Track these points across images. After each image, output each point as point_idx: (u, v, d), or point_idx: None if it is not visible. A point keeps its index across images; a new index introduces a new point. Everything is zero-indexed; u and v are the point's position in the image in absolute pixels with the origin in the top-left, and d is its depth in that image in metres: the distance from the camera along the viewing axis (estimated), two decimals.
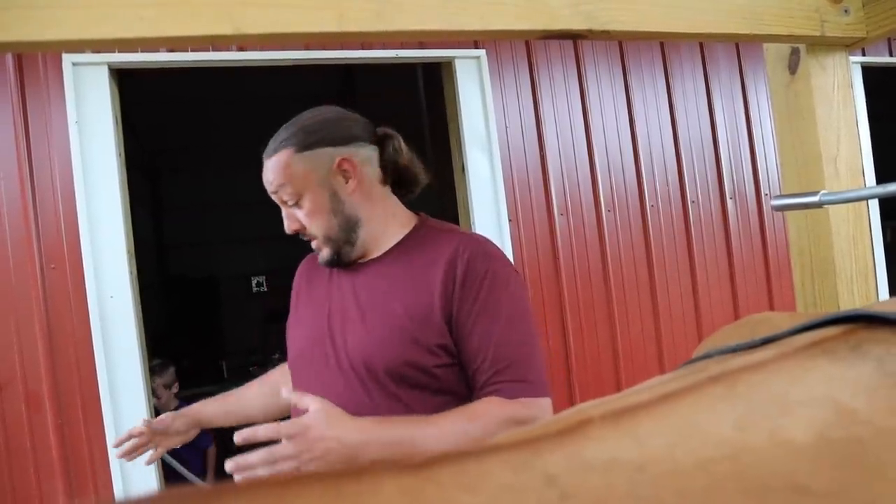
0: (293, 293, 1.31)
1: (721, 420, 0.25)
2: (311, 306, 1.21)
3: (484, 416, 0.99)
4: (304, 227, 1.14)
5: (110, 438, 2.10)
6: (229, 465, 0.89)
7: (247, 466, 0.89)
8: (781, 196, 0.91)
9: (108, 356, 2.12)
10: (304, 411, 0.95)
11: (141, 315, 2.23)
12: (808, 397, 0.27)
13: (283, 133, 1.13)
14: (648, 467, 0.21)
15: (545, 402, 1.04)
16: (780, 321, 0.42)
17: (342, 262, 1.15)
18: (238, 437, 0.90)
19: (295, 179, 1.10)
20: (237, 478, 0.90)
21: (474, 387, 1.05)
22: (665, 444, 0.23)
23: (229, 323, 7.82)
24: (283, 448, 0.90)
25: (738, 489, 0.21)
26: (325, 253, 1.14)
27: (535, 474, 0.21)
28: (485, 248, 1.10)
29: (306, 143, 1.11)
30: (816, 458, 0.23)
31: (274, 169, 1.11)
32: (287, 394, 1.00)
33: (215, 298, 8.24)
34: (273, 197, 1.15)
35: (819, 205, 0.85)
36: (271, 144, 1.13)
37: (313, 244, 1.16)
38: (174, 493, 0.18)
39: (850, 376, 0.29)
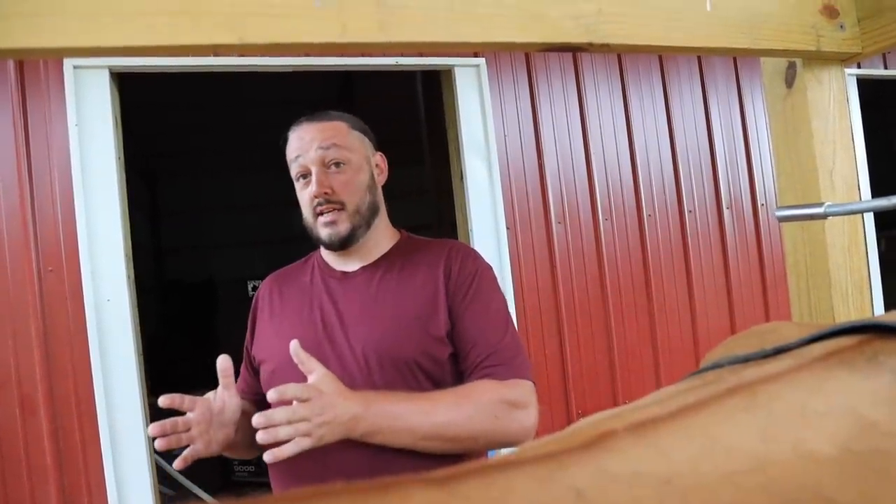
0: (256, 312, 1.28)
1: (744, 432, 0.25)
2: (289, 317, 1.20)
3: (479, 394, 1.06)
4: (333, 192, 1.14)
5: (105, 445, 2.09)
6: (257, 419, 0.91)
7: (271, 422, 0.92)
8: (785, 207, 0.91)
9: (105, 360, 2.12)
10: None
11: (138, 319, 2.23)
12: (829, 408, 0.27)
13: (331, 111, 1.21)
14: (675, 480, 0.21)
15: (532, 386, 1.12)
16: (788, 331, 0.42)
17: (350, 243, 1.16)
18: (272, 394, 0.93)
19: (347, 146, 1.17)
20: (260, 435, 0.92)
21: (465, 370, 1.12)
22: (690, 456, 0.23)
23: (226, 327, 7.79)
24: (301, 409, 0.93)
25: (766, 502, 0.21)
26: (342, 227, 1.14)
27: (562, 488, 0.21)
28: (473, 252, 1.23)
29: (357, 126, 1.22)
30: (842, 470, 0.23)
31: (329, 129, 1.16)
32: (296, 349, 0.99)
33: (212, 302, 8.22)
34: (306, 159, 1.14)
35: (824, 216, 0.86)
36: (320, 114, 1.19)
37: (327, 217, 1.14)
38: None
39: (867, 387, 0.29)
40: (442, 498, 0.19)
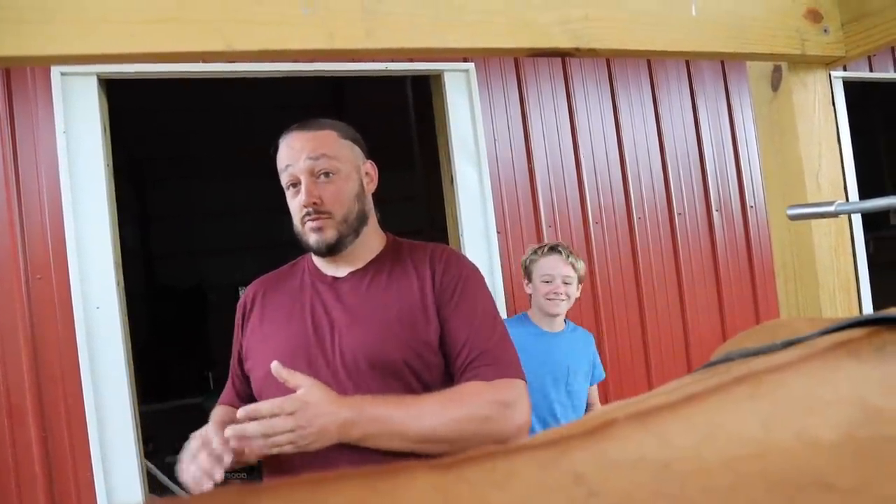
0: (243, 316, 1.28)
1: (747, 420, 0.25)
2: (279, 321, 1.20)
3: (469, 396, 1.06)
4: (321, 202, 1.15)
5: (95, 452, 2.07)
6: (228, 430, 0.93)
7: (244, 435, 0.93)
8: (797, 206, 0.92)
9: (94, 368, 2.10)
10: (286, 391, 0.99)
11: (128, 326, 2.21)
12: (834, 397, 0.27)
13: (321, 119, 1.20)
14: (674, 465, 0.22)
15: (521, 384, 1.12)
16: (800, 326, 0.43)
17: (337, 250, 1.17)
18: (241, 412, 0.94)
19: (336, 156, 1.17)
20: (232, 443, 0.93)
21: (455, 371, 1.13)
22: (691, 443, 0.23)
23: (216, 333, 7.76)
24: (282, 422, 0.93)
25: (764, 486, 0.21)
26: (329, 235, 1.15)
27: (563, 472, 0.21)
28: (456, 255, 1.24)
29: (347, 135, 1.21)
30: (843, 456, 0.23)
31: (318, 139, 1.16)
32: (278, 369, 0.99)
33: (202, 308, 8.18)
34: (296, 168, 1.14)
35: (835, 214, 0.86)
36: (310, 123, 1.19)
37: (315, 224, 1.15)
38: (214, 494, 0.19)
39: (875, 377, 0.29)
40: (446, 481, 0.20)
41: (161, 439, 5.25)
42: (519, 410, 1.09)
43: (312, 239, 1.16)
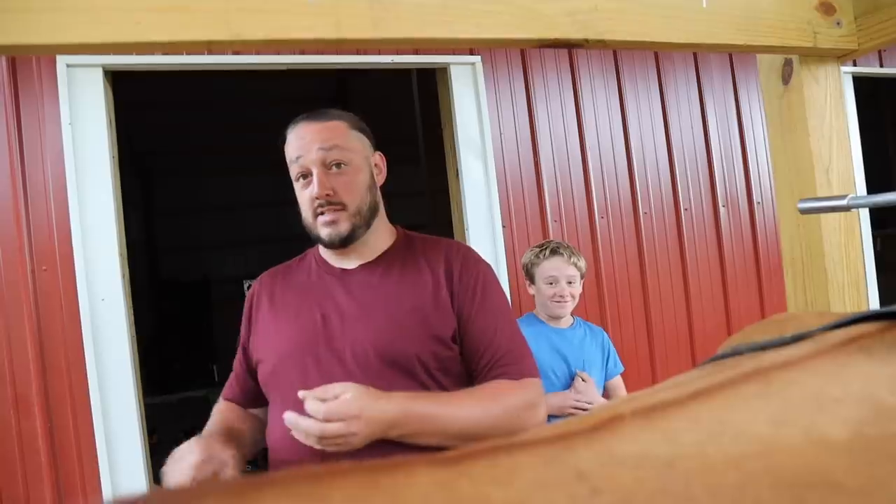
0: (251, 309, 1.27)
1: (755, 417, 0.25)
2: (287, 315, 1.19)
3: (503, 395, 1.09)
4: (334, 194, 1.13)
5: (100, 444, 2.08)
6: (288, 416, 0.94)
7: (297, 427, 0.94)
8: (808, 199, 0.91)
9: (99, 359, 2.11)
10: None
11: (133, 318, 2.22)
12: (845, 394, 0.26)
13: (330, 110, 1.19)
14: (679, 463, 0.21)
15: (540, 382, 1.16)
16: (809, 320, 0.42)
17: (349, 242, 1.16)
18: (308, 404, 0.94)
19: (348, 146, 1.16)
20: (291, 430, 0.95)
21: (477, 371, 1.14)
22: (697, 440, 0.23)
23: (220, 326, 7.79)
24: (334, 427, 0.93)
25: (770, 485, 0.21)
26: (343, 227, 1.14)
27: (566, 469, 0.21)
28: (473, 252, 1.24)
29: (357, 126, 1.21)
30: (852, 455, 0.23)
31: (329, 129, 1.15)
32: (302, 394, 0.97)
33: (206, 302, 8.21)
34: (307, 159, 1.13)
35: (847, 208, 0.85)
36: (319, 113, 1.18)
37: (329, 216, 1.13)
38: (215, 484, 0.19)
39: (886, 373, 0.28)
40: (448, 477, 0.20)
41: (165, 431, 5.29)
42: (542, 409, 1.12)
43: (325, 232, 1.15)
